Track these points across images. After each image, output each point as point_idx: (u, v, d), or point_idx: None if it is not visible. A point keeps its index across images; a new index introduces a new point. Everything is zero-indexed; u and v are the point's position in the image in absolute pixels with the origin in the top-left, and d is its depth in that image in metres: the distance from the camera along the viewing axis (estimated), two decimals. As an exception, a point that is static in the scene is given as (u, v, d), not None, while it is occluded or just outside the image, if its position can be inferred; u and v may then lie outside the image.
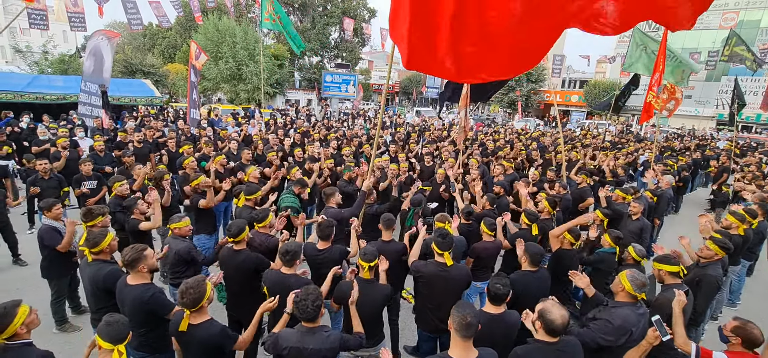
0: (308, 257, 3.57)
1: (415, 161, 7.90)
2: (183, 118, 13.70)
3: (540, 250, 3.43)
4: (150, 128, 9.64)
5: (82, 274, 3.27)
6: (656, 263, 3.47)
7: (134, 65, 25.04)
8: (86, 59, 9.86)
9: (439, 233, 3.33)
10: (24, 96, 12.40)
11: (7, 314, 2.13)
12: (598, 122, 26.34)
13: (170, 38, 34.42)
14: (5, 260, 5.75)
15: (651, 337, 2.67)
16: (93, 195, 6.03)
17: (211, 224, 5.41)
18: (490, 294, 2.79)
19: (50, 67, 21.84)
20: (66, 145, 7.29)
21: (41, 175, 5.95)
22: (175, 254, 3.59)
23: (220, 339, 2.58)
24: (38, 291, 4.76)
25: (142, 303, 2.75)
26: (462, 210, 4.84)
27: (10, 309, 2.17)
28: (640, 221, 5.26)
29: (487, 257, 4.20)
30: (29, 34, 29.57)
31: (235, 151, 7.50)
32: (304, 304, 2.41)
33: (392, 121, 20.13)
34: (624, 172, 8.52)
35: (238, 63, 25.16)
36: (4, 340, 2.12)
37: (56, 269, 4.21)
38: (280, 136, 9.39)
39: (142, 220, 4.31)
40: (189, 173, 5.73)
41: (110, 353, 2.13)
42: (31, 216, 6.93)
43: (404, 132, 13.87)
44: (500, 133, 15.27)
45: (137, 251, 2.77)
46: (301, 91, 34.23)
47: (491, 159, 9.09)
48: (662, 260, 3.44)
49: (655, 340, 2.65)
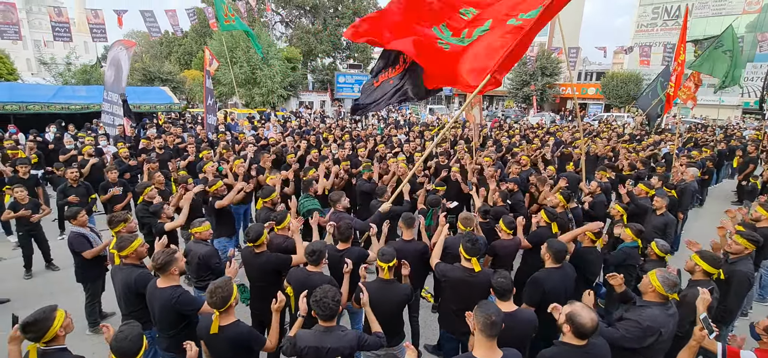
0: (328, 257, 3.61)
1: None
2: (201, 123, 14.00)
3: (563, 246, 3.40)
4: (170, 134, 9.88)
5: (114, 278, 3.38)
6: (698, 257, 3.35)
7: (152, 73, 25.69)
8: (107, 69, 10.18)
9: (468, 237, 3.29)
10: (50, 107, 12.86)
11: (46, 319, 2.22)
12: (617, 114, 25.76)
13: (186, 45, 35.12)
14: (39, 265, 6.00)
15: (699, 336, 2.61)
16: (118, 201, 6.23)
17: (231, 227, 5.53)
18: (496, 291, 2.80)
19: (73, 77, 22.58)
20: (92, 154, 7.54)
21: (70, 183, 6.17)
22: (198, 258, 3.68)
23: (248, 340, 2.64)
24: (70, 295, 4.95)
25: (172, 305, 2.85)
26: (479, 209, 4.83)
27: (49, 314, 2.26)
28: (665, 216, 5.14)
29: (505, 255, 4.17)
30: (53, 47, 30.65)
31: (253, 155, 7.62)
32: (325, 302, 2.45)
33: (406, 120, 20.12)
34: (644, 166, 8.33)
35: (252, 67, 25.51)
36: (44, 344, 2.22)
37: (90, 273, 4.39)
38: (296, 138, 9.51)
39: (167, 222, 4.44)
40: (209, 178, 5.87)
41: None
42: (62, 222, 7.20)
43: (418, 130, 13.83)
44: (515, 130, 15.10)
45: (169, 255, 2.87)
46: (315, 93, 34.48)
47: (506, 156, 9.00)
48: (707, 259, 3.31)
49: (702, 338, 2.59)
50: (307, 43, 33.86)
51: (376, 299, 3.09)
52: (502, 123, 19.49)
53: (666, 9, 33.41)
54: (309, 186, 5.34)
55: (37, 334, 2.20)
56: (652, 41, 30.19)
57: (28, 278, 5.80)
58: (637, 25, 35.65)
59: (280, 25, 37.14)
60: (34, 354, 2.21)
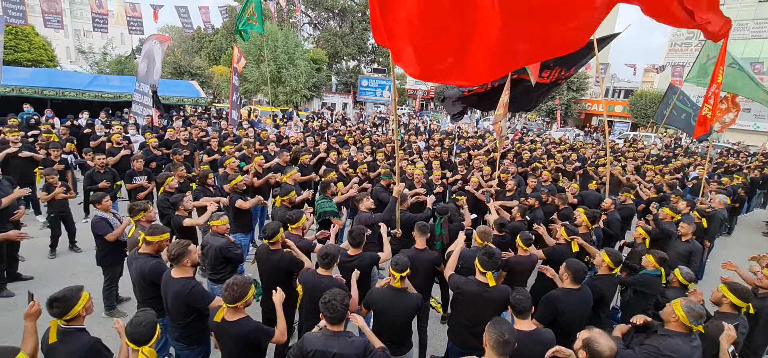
0: (339, 262, 3.62)
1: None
2: (225, 118, 14.34)
3: (582, 267, 3.30)
4: (195, 127, 10.14)
5: (130, 266, 3.48)
6: (727, 289, 3.21)
7: (183, 67, 26.50)
8: (141, 61, 10.55)
9: (484, 251, 3.23)
10: (85, 94, 13.42)
11: (71, 298, 2.31)
12: (644, 134, 25.00)
13: (216, 42, 36.08)
14: (63, 246, 6.23)
15: None
16: (141, 189, 6.42)
17: (248, 223, 5.62)
18: (514, 308, 2.73)
19: (108, 67, 23.50)
20: (120, 142, 7.81)
21: (98, 169, 6.41)
22: (215, 250, 3.76)
23: (255, 335, 2.67)
24: (89, 277, 5.12)
25: (184, 296, 2.91)
26: (495, 221, 4.75)
27: (75, 293, 2.35)
28: (690, 243, 4.93)
29: (520, 272, 4.09)
30: (91, 37, 32.05)
31: (274, 152, 7.74)
32: (333, 304, 2.45)
33: (426, 127, 20.07)
34: (670, 189, 8.03)
35: (278, 66, 25.98)
36: (65, 322, 2.31)
37: (109, 258, 4.52)
38: (317, 139, 9.61)
39: (185, 216, 4.54)
40: (229, 173, 5.99)
41: (136, 354, 2.21)
42: (87, 206, 7.48)
43: (438, 138, 13.76)
44: (536, 143, 14.83)
45: (182, 247, 2.93)
46: (338, 95, 34.82)
47: (527, 170, 8.86)
48: (736, 291, 3.16)
49: None
50: (334, 45, 34.31)
51: (386, 306, 3.08)
52: (523, 136, 19.21)
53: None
54: (327, 188, 5.38)
55: (62, 311, 2.28)
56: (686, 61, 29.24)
57: (53, 257, 6.03)
58: (671, 44, 34.65)
59: (308, 26, 37.77)
60: (54, 330, 2.29)
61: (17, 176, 6.18)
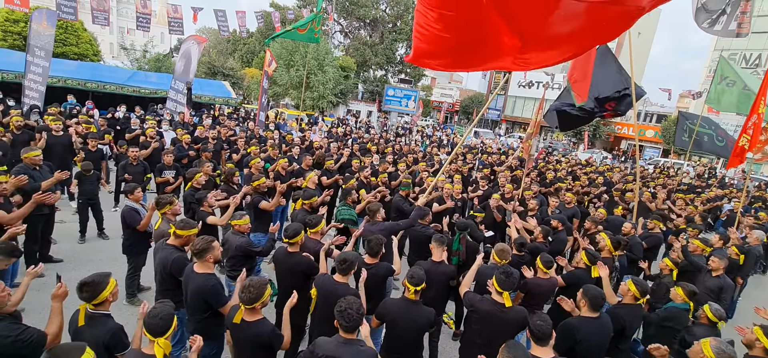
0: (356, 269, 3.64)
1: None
2: (253, 119, 14.72)
3: (600, 293, 3.20)
4: (224, 126, 10.45)
5: (155, 255, 3.60)
6: (761, 332, 3.02)
7: (216, 67, 27.47)
8: (178, 60, 11.01)
9: (502, 270, 3.18)
10: (124, 88, 14.08)
11: (100, 283, 2.42)
12: (675, 161, 24.03)
13: (250, 45, 37.21)
14: (92, 232, 6.51)
15: None
16: (169, 183, 6.65)
17: (267, 223, 5.67)
18: (534, 334, 2.66)
19: (147, 64, 24.59)
20: (153, 136, 8.14)
21: (131, 160, 6.69)
22: (235, 248, 3.85)
23: (270, 338, 2.71)
24: (114, 264, 5.31)
25: (204, 291, 2.99)
26: (515, 240, 4.67)
27: (103, 279, 2.46)
28: (721, 278, 4.70)
29: (539, 294, 3.99)
30: (134, 34, 33.69)
31: (297, 155, 7.88)
32: (349, 312, 2.46)
33: (449, 140, 19.97)
34: (702, 220, 7.68)
35: (307, 72, 26.53)
36: (93, 306, 2.41)
37: (136, 247, 4.70)
38: (340, 145, 9.73)
39: (210, 213, 4.68)
40: (254, 173, 6.13)
41: (152, 344, 2.26)
42: (117, 196, 7.80)
43: (461, 152, 13.70)
44: (561, 163, 14.51)
45: (207, 242, 3.02)
46: (363, 103, 35.18)
47: (550, 190, 8.68)
48: None
49: None
50: (363, 54, 34.78)
51: (399, 318, 3.06)
52: (548, 155, 18.83)
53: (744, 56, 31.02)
54: (348, 194, 5.43)
55: (91, 295, 2.39)
56: (726, 89, 27.98)
57: (82, 242, 6.30)
58: (709, 70, 33.30)
59: (339, 34, 38.47)
60: (82, 314, 2.41)
61: (56, 162, 6.52)
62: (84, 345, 1.86)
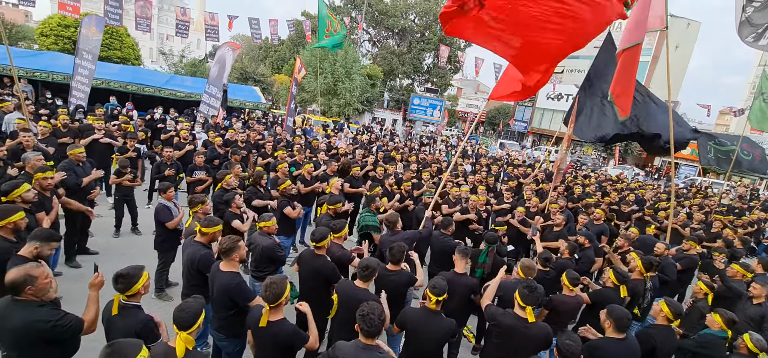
0: (378, 276, 3.65)
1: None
2: (280, 124, 15.08)
3: (626, 314, 3.08)
4: (253, 130, 10.76)
5: (184, 251, 3.73)
6: None
7: (248, 73, 28.37)
8: (213, 66, 11.45)
9: (526, 284, 3.11)
10: (161, 91, 14.73)
11: (134, 275, 2.54)
12: (714, 181, 22.82)
13: (281, 52, 38.25)
14: (126, 228, 6.82)
15: None
16: (200, 183, 6.89)
17: (291, 227, 5.83)
18: (562, 353, 2.58)
19: (183, 68, 25.69)
20: (187, 138, 8.47)
21: (165, 160, 6.99)
22: (261, 249, 3.94)
23: (292, 338, 2.75)
24: (145, 259, 5.52)
25: (229, 289, 3.07)
26: (540, 255, 4.57)
27: (137, 272, 2.57)
28: (763, 306, 4.41)
29: (564, 312, 3.88)
30: (172, 40, 35.37)
31: (323, 162, 8.01)
32: (371, 318, 2.47)
33: (474, 151, 19.78)
34: (743, 245, 7.25)
35: (335, 79, 26.96)
36: (126, 297, 2.54)
37: (167, 244, 4.89)
38: (364, 152, 9.82)
39: (237, 214, 4.82)
40: (280, 177, 6.28)
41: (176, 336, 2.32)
42: (151, 194, 8.15)
43: (485, 163, 13.54)
44: (591, 178, 14.06)
45: (233, 242, 3.12)
46: (389, 111, 35.39)
47: (577, 205, 8.43)
48: None
49: None
50: (390, 62, 35.08)
51: (420, 328, 3.05)
52: (576, 169, 18.30)
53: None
54: (372, 201, 5.47)
55: (125, 286, 2.51)
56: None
57: (116, 237, 6.60)
58: (752, 86, 31.60)
59: (367, 43, 39.00)
60: (116, 304, 2.53)
61: (97, 159, 6.89)
62: (141, 343, 1.94)
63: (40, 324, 2.36)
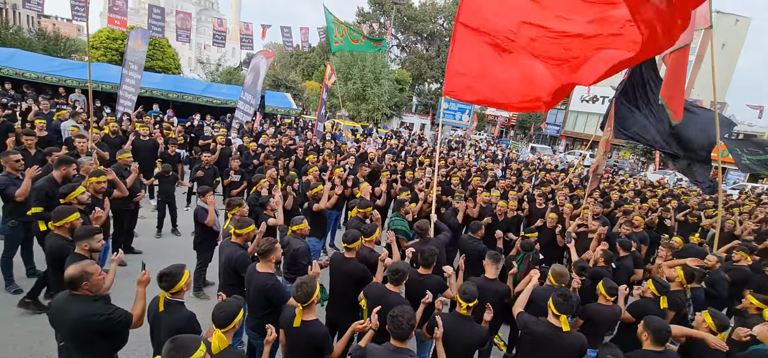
0: (408, 280, 3.67)
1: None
2: (310, 129, 15.41)
3: (665, 326, 2.94)
4: (285, 135, 11.06)
5: (221, 252, 3.90)
6: None
7: (280, 80, 29.22)
8: (248, 73, 11.88)
9: (560, 292, 3.05)
10: (199, 99, 15.42)
11: (177, 274, 2.69)
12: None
13: (311, 59, 39.14)
14: (167, 228, 7.19)
15: None
16: (235, 187, 7.16)
17: (322, 229, 5.96)
18: None
19: (219, 77, 26.77)
20: (223, 143, 8.82)
21: (203, 164, 7.31)
22: (293, 251, 4.05)
23: (322, 340, 2.82)
24: (185, 258, 5.77)
25: (265, 289, 3.19)
26: (574, 263, 4.44)
27: (180, 270, 2.72)
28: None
29: (600, 322, 3.75)
30: (210, 50, 37.00)
31: (352, 165, 8.12)
32: (400, 320, 2.49)
33: (504, 155, 19.41)
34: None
35: (364, 84, 27.27)
36: (171, 294, 2.69)
37: (205, 244, 5.13)
38: (393, 157, 9.87)
39: (272, 215, 4.98)
40: (311, 180, 6.43)
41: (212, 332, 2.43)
42: (189, 197, 8.54)
43: (516, 168, 13.25)
44: (628, 183, 13.45)
45: (271, 244, 3.24)
46: (417, 116, 35.37)
47: (614, 212, 8.10)
48: None
49: None
50: (419, 67, 35.11)
51: (450, 334, 3.02)
52: (613, 175, 17.56)
53: None
54: (401, 206, 5.49)
55: (169, 284, 2.66)
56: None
57: (158, 237, 6.97)
58: (813, 86, 29.20)
59: (396, 48, 39.22)
60: (162, 301, 2.70)
61: (141, 163, 7.30)
62: (200, 339, 2.07)
63: (94, 317, 2.55)
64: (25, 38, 23.07)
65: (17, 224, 4.64)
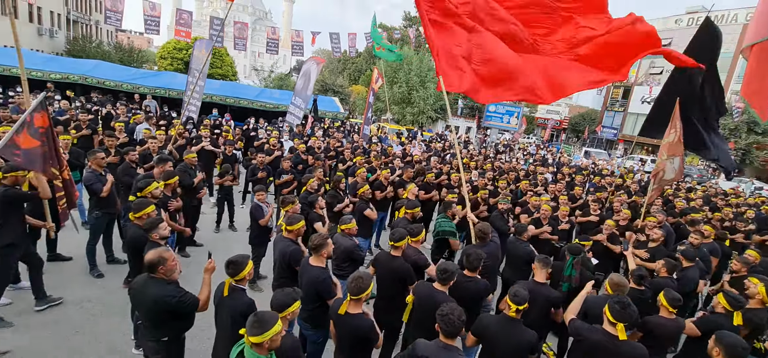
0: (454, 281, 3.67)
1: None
2: (357, 132, 15.74)
3: (741, 343, 2.71)
4: (333, 138, 11.40)
5: (275, 247, 4.13)
6: None
7: (328, 84, 30.11)
8: (299, 79, 12.38)
9: (617, 299, 2.89)
10: (253, 103, 16.30)
11: (242, 262, 2.93)
12: None
13: (358, 64, 39.95)
14: (225, 223, 7.68)
15: None
16: (286, 186, 7.50)
17: (369, 229, 6.10)
18: None
19: (272, 83, 28.12)
20: (275, 145, 9.28)
21: (258, 165, 7.74)
22: (342, 249, 4.20)
23: (368, 333, 2.92)
24: (241, 252, 6.19)
25: (317, 283, 3.35)
26: (632, 272, 4.20)
27: (244, 260, 2.96)
28: None
29: (662, 336, 3.51)
30: (263, 57, 39.01)
31: (399, 168, 8.22)
32: (451, 318, 2.52)
33: (555, 160, 18.61)
34: None
35: (409, 88, 27.39)
36: (235, 281, 2.92)
37: (259, 239, 5.45)
38: (438, 160, 9.85)
39: (320, 215, 5.19)
40: (359, 181, 6.60)
41: None
42: (244, 195, 9.06)
43: (568, 172, 12.67)
44: (697, 192, 12.37)
45: (323, 239, 3.40)
46: (462, 119, 34.87)
47: (679, 221, 7.52)
48: None
49: None
50: (464, 70, 34.57)
51: (497, 337, 2.99)
52: (678, 182, 16.17)
53: None
54: (448, 208, 5.50)
55: (234, 271, 2.90)
56: None
57: (216, 232, 7.46)
58: None
59: (441, 51, 38.96)
60: (227, 286, 2.94)
61: (203, 164, 7.88)
62: (276, 315, 2.28)
63: (168, 299, 2.83)
64: (105, 51, 25.70)
65: (100, 216, 5.23)
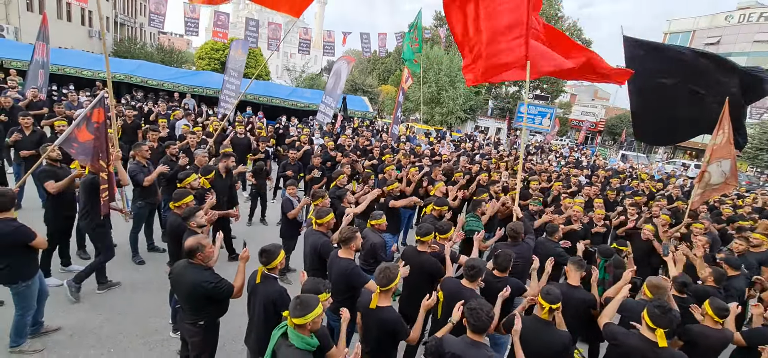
0: (484, 280, 3.63)
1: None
2: (386, 131, 15.80)
3: None
4: (362, 137, 11.51)
5: (306, 240, 4.22)
6: None
7: (357, 84, 30.38)
8: (329, 78, 12.58)
9: (657, 303, 2.78)
10: (285, 102, 16.70)
11: (274, 252, 3.02)
12: None
13: (387, 64, 40.06)
14: (257, 217, 7.91)
15: None
16: (316, 182, 7.63)
17: (396, 226, 6.13)
18: None
19: (303, 82, 28.69)
20: (306, 142, 9.48)
21: (290, 161, 7.93)
22: (370, 245, 4.24)
23: (395, 325, 2.93)
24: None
25: (345, 274, 3.40)
26: (674, 279, 3.99)
27: (277, 250, 3.05)
28: None
29: (705, 346, 3.32)
30: (295, 57, 39.91)
31: (427, 167, 8.19)
32: (479, 314, 2.50)
33: (589, 162, 17.95)
34: None
35: (439, 88, 27.20)
36: (267, 270, 3.02)
37: (289, 232, 5.59)
38: (467, 160, 9.74)
39: (348, 207, 5.26)
40: (388, 178, 6.63)
41: None
42: (276, 190, 9.30)
43: (603, 176, 12.17)
44: (746, 199, 11.58)
45: (352, 232, 3.46)
46: (492, 120, 34.29)
47: (726, 227, 7.07)
48: None
49: None
50: (495, 70, 34.00)
51: (529, 337, 2.92)
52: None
53: None
54: (477, 206, 5.44)
55: (267, 260, 3.00)
56: None
57: (249, 225, 7.70)
58: None
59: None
60: (259, 274, 3.04)
61: (238, 157, 8.15)
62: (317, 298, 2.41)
63: (205, 284, 2.96)
64: (148, 52, 27.07)
65: (143, 205, 5.52)
